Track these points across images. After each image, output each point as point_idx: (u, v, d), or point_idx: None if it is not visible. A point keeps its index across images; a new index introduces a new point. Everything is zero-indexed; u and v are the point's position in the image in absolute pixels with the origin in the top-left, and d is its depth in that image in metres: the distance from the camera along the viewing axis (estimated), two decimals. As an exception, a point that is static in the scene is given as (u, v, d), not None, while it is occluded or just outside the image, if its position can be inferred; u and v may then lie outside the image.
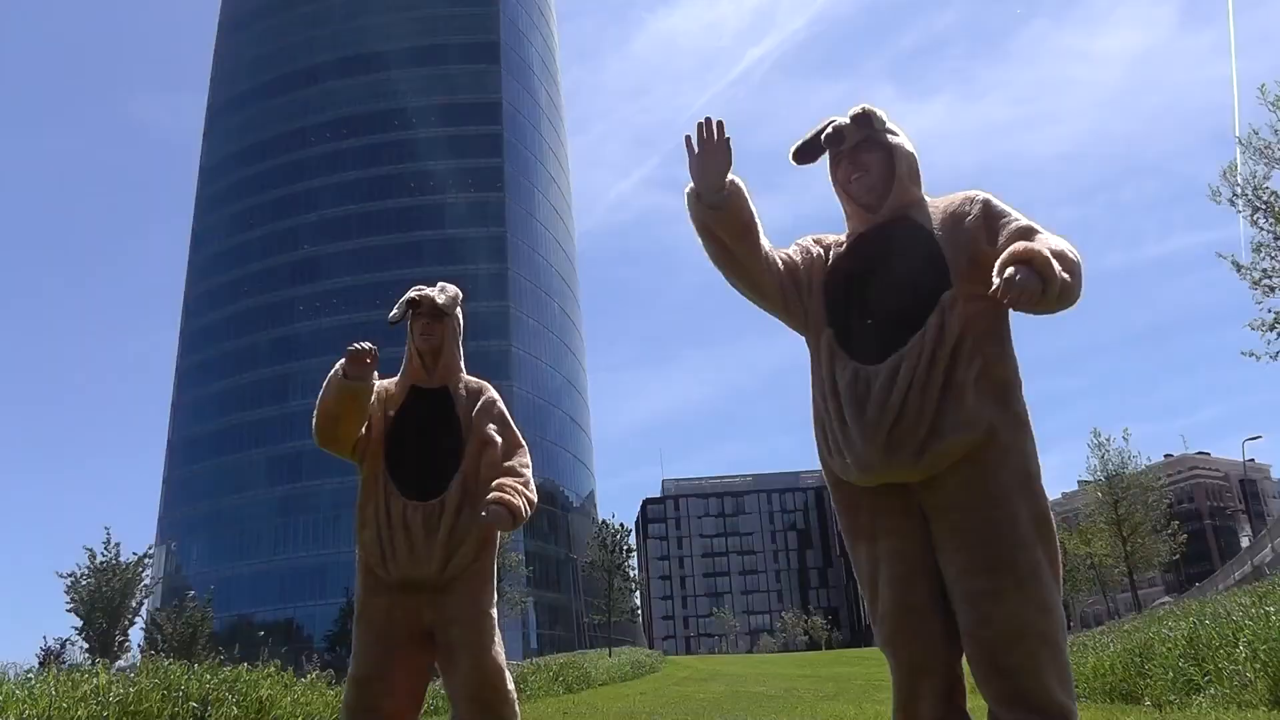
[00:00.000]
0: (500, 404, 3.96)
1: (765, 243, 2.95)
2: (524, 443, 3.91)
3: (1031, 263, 2.43)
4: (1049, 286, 2.43)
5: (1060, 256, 2.47)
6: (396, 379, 3.95)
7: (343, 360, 3.58)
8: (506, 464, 3.77)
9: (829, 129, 2.93)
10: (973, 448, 2.58)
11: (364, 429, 3.78)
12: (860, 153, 2.92)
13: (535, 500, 3.72)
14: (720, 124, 2.80)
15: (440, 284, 3.96)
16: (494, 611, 3.72)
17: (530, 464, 3.85)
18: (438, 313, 3.90)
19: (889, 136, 2.92)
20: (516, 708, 3.65)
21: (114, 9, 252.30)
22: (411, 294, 3.92)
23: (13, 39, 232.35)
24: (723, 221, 2.86)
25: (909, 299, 2.71)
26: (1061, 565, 2.65)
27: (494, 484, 3.65)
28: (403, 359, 3.97)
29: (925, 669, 2.65)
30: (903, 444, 2.59)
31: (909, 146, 2.94)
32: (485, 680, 3.54)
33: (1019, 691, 2.47)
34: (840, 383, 2.75)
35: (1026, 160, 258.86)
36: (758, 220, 2.91)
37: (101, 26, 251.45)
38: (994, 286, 2.43)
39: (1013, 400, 2.68)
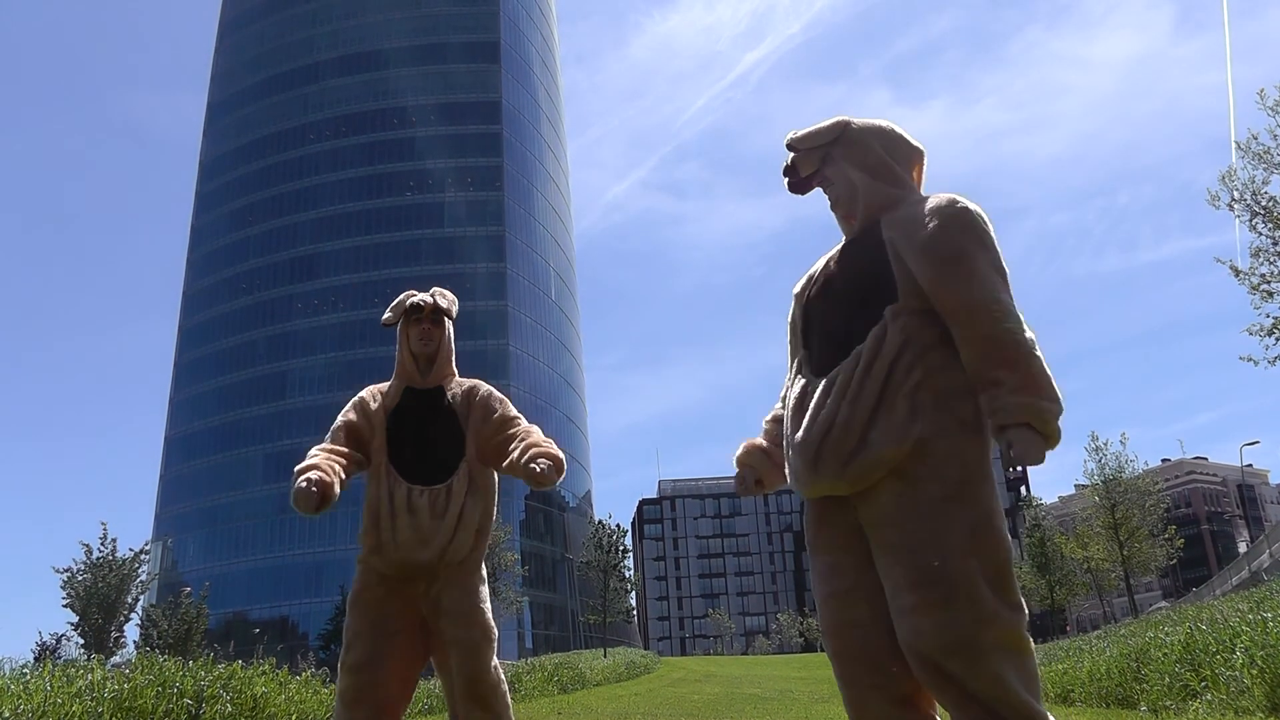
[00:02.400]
0: (494, 391, 3.99)
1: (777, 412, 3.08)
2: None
3: (1030, 425, 2.44)
4: (1050, 441, 2.48)
5: (1044, 387, 2.51)
6: (390, 382, 3.95)
7: (295, 490, 3.50)
8: (526, 431, 3.83)
9: (784, 166, 2.96)
10: (902, 460, 2.51)
11: (363, 435, 3.83)
12: (825, 166, 2.94)
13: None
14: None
15: (436, 289, 3.96)
16: (488, 606, 3.73)
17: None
18: (439, 318, 3.91)
19: (843, 147, 2.89)
20: (509, 701, 3.67)
21: (113, 8, 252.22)
22: (411, 299, 3.92)
23: (13, 37, 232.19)
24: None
25: (856, 314, 2.69)
26: (1012, 569, 2.49)
27: (525, 444, 3.68)
28: (395, 360, 3.96)
29: (869, 684, 2.59)
30: (830, 457, 2.56)
31: (878, 146, 2.86)
32: (480, 675, 3.55)
33: (968, 694, 2.39)
34: (790, 398, 2.78)
35: (1022, 165, 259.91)
36: (772, 433, 3.08)
37: (101, 26, 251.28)
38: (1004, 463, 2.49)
39: (957, 407, 2.56)
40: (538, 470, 3.51)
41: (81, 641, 35.48)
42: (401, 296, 3.99)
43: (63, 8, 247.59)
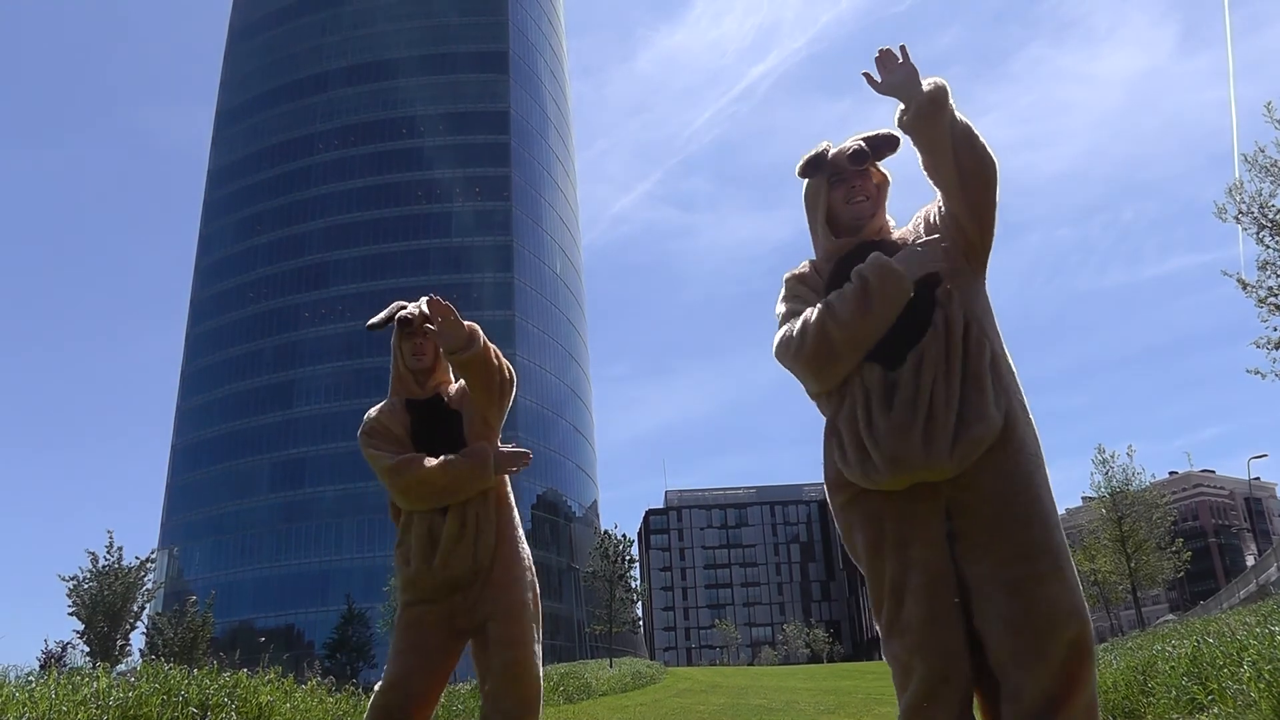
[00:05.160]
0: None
1: None
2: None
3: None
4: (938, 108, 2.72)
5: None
6: (388, 399, 3.93)
7: (500, 455, 3.71)
8: None
9: (855, 147, 2.96)
10: (997, 436, 2.61)
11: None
12: (866, 179, 2.99)
13: (498, 359, 3.77)
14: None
15: (424, 297, 3.94)
16: (529, 599, 3.75)
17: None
18: (419, 319, 3.90)
19: (879, 172, 3.05)
20: (541, 703, 3.71)
21: (124, 25, 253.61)
22: (402, 311, 3.90)
23: (27, 53, 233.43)
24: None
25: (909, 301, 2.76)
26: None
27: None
28: (394, 377, 3.95)
29: (949, 678, 2.62)
30: (937, 437, 2.59)
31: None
32: (522, 674, 3.60)
33: (1064, 661, 2.49)
34: (868, 385, 2.74)
35: (1027, 180, 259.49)
36: None
37: (112, 41, 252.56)
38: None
39: (1016, 384, 2.73)
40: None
41: (87, 649, 35.45)
42: (391, 306, 3.99)
43: (73, 21, 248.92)
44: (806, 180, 3.06)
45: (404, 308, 3.92)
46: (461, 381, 3.90)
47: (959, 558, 2.66)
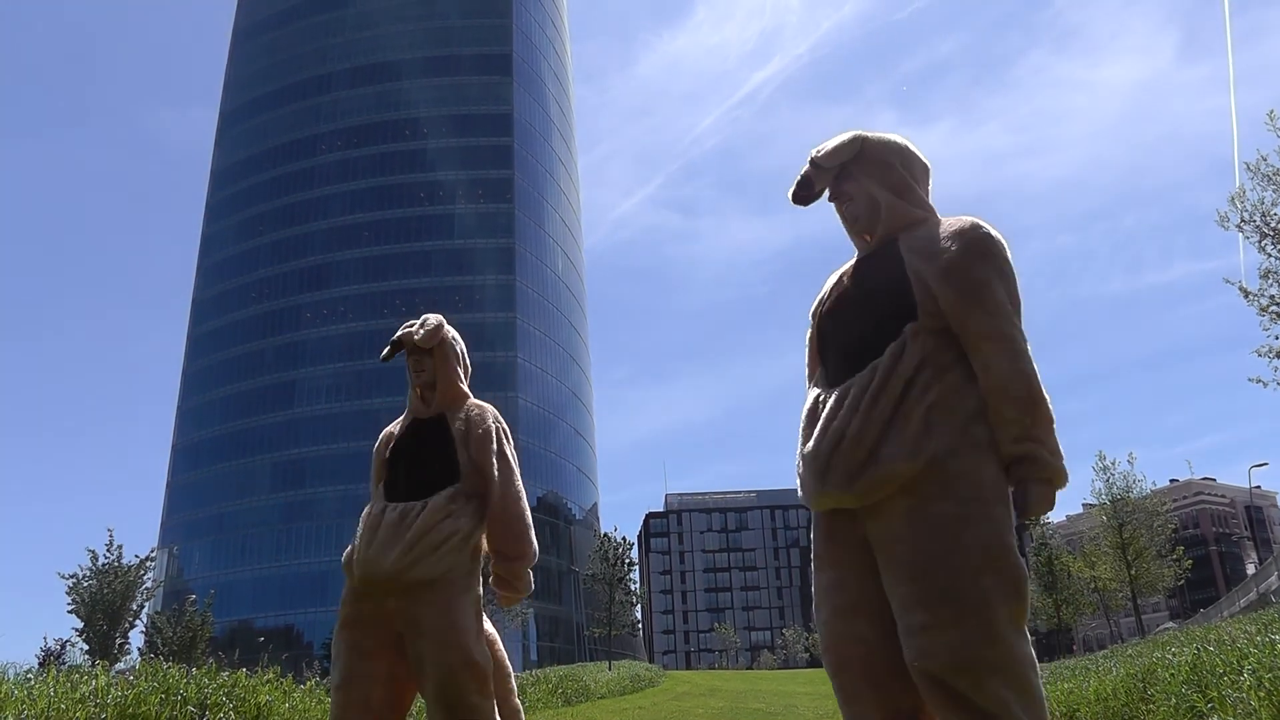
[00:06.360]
0: (500, 433, 3.90)
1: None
2: (515, 469, 3.86)
3: (1051, 484, 2.56)
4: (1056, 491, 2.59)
5: (1054, 447, 2.60)
6: (399, 419, 4.04)
7: None
8: (506, 515, 3.76)
9: (799, 178, 2.90)
10: (914, 477, 2.50)
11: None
12: (842, 182, 2.89)
13: (534, 551, 3.78)
14: None
15: (423, 317, 3.96)
16: (471, 625, 3.58)
17: (523, 494, 3.84)
18: (418, 349, 3.92)
19: (863, 163, 2.86)
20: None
21: (129, 25, 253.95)
22: (399, 333, 3.96)
23: (31, 52, 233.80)
24: None
25: (871, 329, 2.69)
26: (1026, 591, 2.47)
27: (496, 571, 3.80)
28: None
29: (871, 700, 2.56)
30: (838, 468, 2.55)
31: (898, 164, 2.86)
32: (456, 702, 3.44)
33: (972, 714, 2.36)
34: (810, 408, 2.75)
35: (1027, 187, 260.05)
36: None
37: (116, 41, 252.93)
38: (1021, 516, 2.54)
39: (972, 428, 2.55)
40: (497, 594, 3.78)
41: (86, 647, 35.45)
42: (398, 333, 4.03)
43: (77, 20, 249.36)
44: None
45: (400, 332, 3.96)
46: (478, 410, 3.89)
47: (885, 588, 2.58)
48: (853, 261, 2.93)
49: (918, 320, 2.62)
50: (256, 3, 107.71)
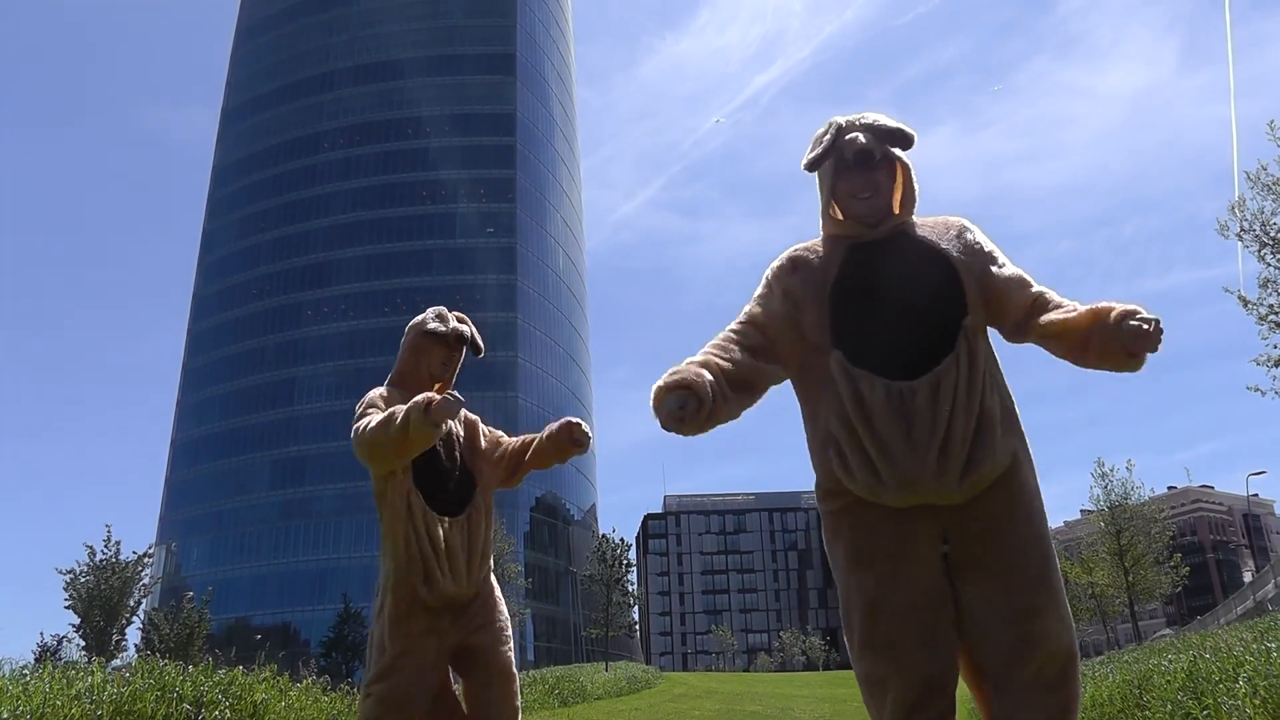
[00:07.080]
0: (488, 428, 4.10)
1: (737, 354, 2.87)
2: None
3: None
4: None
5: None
6: (392, 390, 3.86)
7: (433, 405, 3.32)
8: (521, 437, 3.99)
9: (858, 149, 2.79)
10: (1003, 473, 2.64)
11: None
12: (875, 170, 2.82)
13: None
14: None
15: (456, 314, 3.96)
16: (505, 611, 3.92)
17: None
18: (461, 345, 3.93)
19: (902, 155, 2.87)
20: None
21: (131, 22, 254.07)
22: (451, 324, 3.89)
23: (33, 50, 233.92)
24: (721, 417, 2.85)
25: (928, 320, 2.67)
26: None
27: (539, 435, 3.89)
28: (403, 373, 3.91)
29: (940, 690, 2.60)
30: (950, 464, 2.56)
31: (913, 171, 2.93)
32: (505, 684, 3.73)
33: (1059, 691, 2.54)
34: (872, 399, 2.63)
35: (1027, 193, 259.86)
36: (724, 369, 2.83)
37: (119, 39, 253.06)
38: (1142, 326, 2.54)
39: (1020, 427, 2.75)
40: (576, 431, 3.77)
41: (82, 643, 35.41)
42: (437, 315, 3.93)
43: (79, 18, 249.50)
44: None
45: (448, 323, 3.89)
46: (469, 414, 3.92)
47: (955, 579, 2.65)
48: (855, 243, 2.85)
49: (967, 314, 2.72)
50: (260, 0, 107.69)
